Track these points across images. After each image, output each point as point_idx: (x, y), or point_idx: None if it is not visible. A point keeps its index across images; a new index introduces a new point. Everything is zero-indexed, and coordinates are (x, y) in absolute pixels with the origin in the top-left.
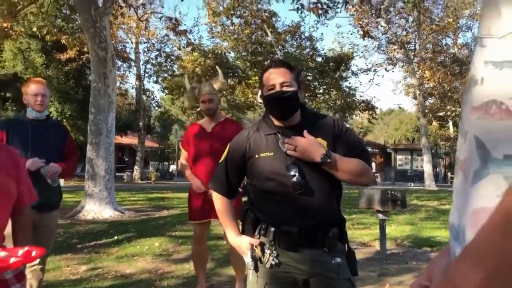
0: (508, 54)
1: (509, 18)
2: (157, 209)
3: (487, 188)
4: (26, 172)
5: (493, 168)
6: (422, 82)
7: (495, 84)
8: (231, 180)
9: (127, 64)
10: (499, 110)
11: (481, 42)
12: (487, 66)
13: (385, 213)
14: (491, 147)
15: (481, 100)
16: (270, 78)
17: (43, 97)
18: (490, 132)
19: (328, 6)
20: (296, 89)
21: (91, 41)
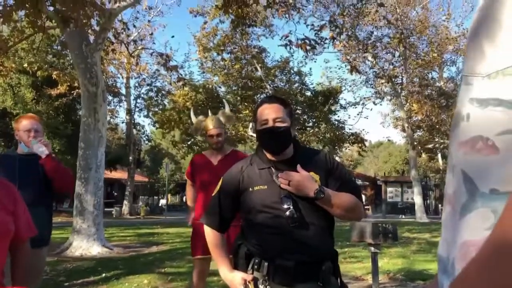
0: (492, 92)
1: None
2: (146, 245)
3: (475, 221)
4: (25, 206)
5: (481, 202)
6: (410, 115)
7: (481, 120)
8: (224, 214)
9: (117, 99)
10: (485, 145)
11: (466, 80)
12: (472, 103)
13: (377, 246)
14: (478, 182)
15: (468, 136)
16: (264, 113)
17: (36, 132)
18: (477, 167)
19: (316, 42)
20: (289, 124)
21: (82, 77)
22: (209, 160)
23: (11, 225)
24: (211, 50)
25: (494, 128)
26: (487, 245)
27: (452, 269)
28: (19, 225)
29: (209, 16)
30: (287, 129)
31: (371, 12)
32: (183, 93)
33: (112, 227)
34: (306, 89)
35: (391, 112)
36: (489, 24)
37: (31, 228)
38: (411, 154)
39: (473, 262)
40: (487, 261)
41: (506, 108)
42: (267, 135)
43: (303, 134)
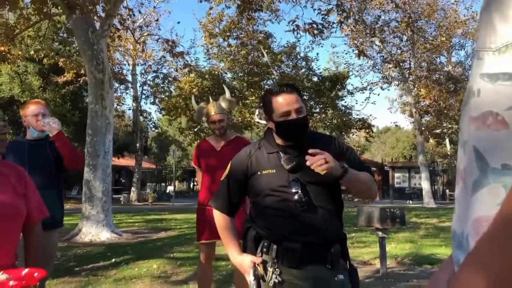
0: (502, 66)
1: (502, 32)
2: (155, 231)
3: (486, 197)
4: (35, 189)
5: (492, 177)
6: (418, 100)
7: (491, 95)
8: (233, 198)
9: (124, 86)
10: (495, 121)
11: (477, 55)
12: (483, 78)
13: (385, 231)
14: (489, 157)
15: (479, 111)
16: (284, 104)
17: (43, 116)
18: (488, 143)
19: (323, 26)
20: (307, 113)
21: (89, 64)
22: (213, 146)
23: (23, 207)
24: (217, 36)
25: (504, 103)
26: (496, 221)
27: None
28: (31, 207)
29: (214, 2)
30: (307, 118)
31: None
32: (189, 80)
33: (120, 214)
34: (313, 75)
35: (399, 97)
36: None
37: (42, 210)
38: (418, 140)
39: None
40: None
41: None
42: (290, 128)
43: (310, 120)
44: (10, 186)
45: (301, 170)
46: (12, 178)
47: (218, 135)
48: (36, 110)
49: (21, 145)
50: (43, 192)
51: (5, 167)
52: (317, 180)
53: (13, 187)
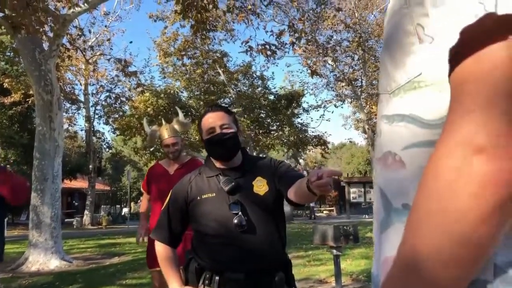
0: (395, 108)
1: (395, 76)
2: (108, 256)
3: (392, 237)
4: None
5: (395, 217)
6: (370, 117)
7: (389, 136)
8: (174, 228)
9: (76, 106)
10: (394, 161)
11: (379, 98)
12: (383, 120)
13: (339, 248)
14: (391, 197)
15: (381, 152)
16: (209, 121)
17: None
18: (389, 182)
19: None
20: (235, 130)
21: (36, 85)
22: (166, 169)
23: None
24: (172, 55)
25: (399, 143)
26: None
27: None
28: None
29: (169, 21)
30: (235, 134)
31: (330, 16)
32: (144, 99)
33: (72, 239)
34: (269, 93)
35: (352, 114)
36: (389, 44)
37: None
38: (372, 155)
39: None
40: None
41: (408, 123)
42: (216, 143)
43: (267, 138)
44: None
45: (240, 191)
46: None
47: (171, 158)
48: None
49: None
50: None
51: None
52: (258, 201)
53: None
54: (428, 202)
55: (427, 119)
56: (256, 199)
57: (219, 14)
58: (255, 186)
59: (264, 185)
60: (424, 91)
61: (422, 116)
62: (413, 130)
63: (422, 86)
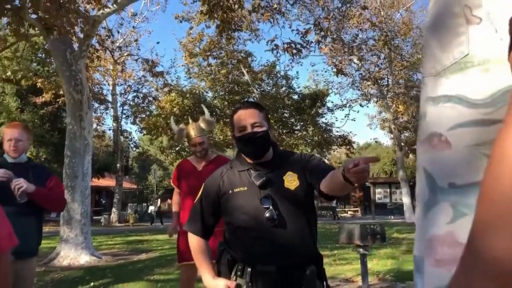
0: (441, 89)
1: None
2: (135, 252)
3: (437, 216)
4: (4, 216)
5: (440, 196)
6: (397, 116)
7: (435, 117)
8: (207, 221)
9: (104, 106)
10: (439, 141)
11: (423, 81)
12: (428, 101)
13: (366, 247)
14: (437, 177)
15: (426, 134)
16: (241, 119)
17: (17, 142)
18: (435, 163)
19: (301, 46)
20: (267, 128)
21: (67, 84)
22: (194, 166)
23: None
24: (197, 56)
25: (446, 123)
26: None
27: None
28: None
29: (194, 22)
30: (266, 133)
31: (355, 15)
32: (170, 99)
33: (100, 235)
34: (293, 93)
35: (378, 113)
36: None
37: (11, 239)
38: (398, 155)
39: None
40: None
41: (454, 104)
42: (246, 141)
43: (291, 137)
44: None
45: (272, 186)
46: None
47: (199, 157)
48: (10, 135)
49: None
50: (22, 219)
51: None
52: (289, 196)
53: None
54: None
55: (474, 99)
56: (287, 193)
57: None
58: (285, 180)
59: (295, 180)
60: (471, 71)
61: (469, 96)
62: (460, 110)
63: (468, 66)
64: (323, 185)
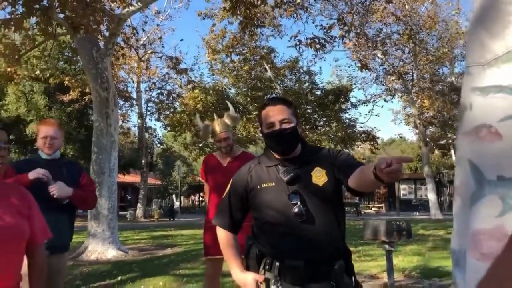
0: (492, 79)
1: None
2: (161, 247)
3: (484, 209)
4: (39, 210)
5: (488, 189)
6: (422, 111)
7: (483, 108)
8: (235, 215)
9: (129, 103)
10: (489, 133)
11: (468, 71)
12: (475, 92)
13: (391, 244)
14: (485, 170)
15: (472, 125)
16: (269, 115)
17: (53, 139)
18: (483, 155)
19: (325, 41)
20: (295, 124)
21: (93, 82)
22: (220, 161)
23: (26, 228)
24: (220, 52)
25: (496, 114)
26: None
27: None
28: (34, 229)
29: (217, 19)
30: (294, 129)
31: (379, 9)
32: (193, 96)
33: (126, 231)
34: (316, 88)
35: (403, 109)
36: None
37: (46, 232)
38: (423, 151)
39: None
40: None
41: (506, 94)
42: (275, 138)
43: (314, 133)
44: (13, 207)
45: (299, 181)
46: (14, 199)
47: (224, 153)
48: (45, 132)
49: (36, 164)
50: (55, 215)
51: (8, 188)
52: (317, 191)
53: (16, 208)
54: None
55: None
56: (315, 189)
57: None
58: (313, 176)
59: (323, 176)
60: None
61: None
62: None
63: None
64: (352, 180)
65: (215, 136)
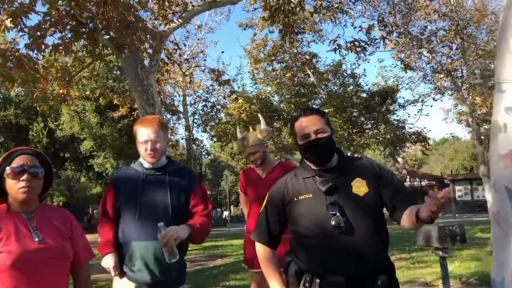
0: None
1: None
2: (211, 258)
3: None
4: (81, 231)
5: None
6: (474, 109)
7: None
8: (272, 229)
9: (176, 117)
10: None
11: (499, 87)
12: (509, 112)
13: (445, 250)
14: None
15: (507, 148)
16: (303, 126)
17: (155, 143)
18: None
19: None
20: (330, 133)
21: (140, 99)
22: (258, 174)
23: (69, 249)
24: (262, 61)
25: None
26: None
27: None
28: (77, 249)
29: (258, 28)
30: (330, 138)
31: (422, 6)
32: (237, 106)
33: None
34: (362, 91)
35: (454, 107)
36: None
37: (89, 251)
38: (478, 149)
39: None
40: None
41: None
42: (311, 149)
43: (362, 137)
44: (55, 229)
45: (338, 192)
46: (56, 222)
47: (255, 166)
48: (145, 136)
49: (134, 176)
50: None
51: (50, 211)
52: (357, 202)
53: (59, 230)
54: None
55: None
56: (355, 199)
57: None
58: (354, 186)
59: (364, 186)
60: None
61: None
62: None
63: None
64: (404, 219)
65: (245, 150)
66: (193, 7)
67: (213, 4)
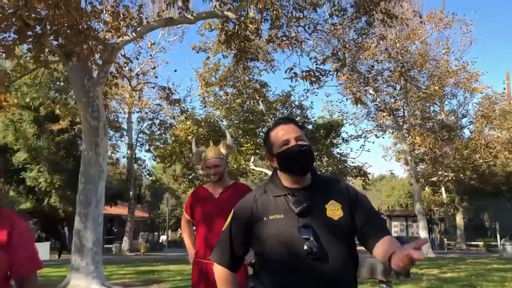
0: None
1: None
2: (147, 283)
3: None
4: (29, 239)
5: None
6: (413, 148)
7: None
8: (236, 251)
9: (119, 134)
10: None
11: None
12: None
13: (388, 283)
14: None
15: None
16: (283, 133)
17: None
18: None
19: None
20: (309, 144)
21: (84, 111)
22: (211, 193)
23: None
24: (213, 85)
25: None
26: None
27: None
28: (17, 260)
29: (211, 52)
30: (311, 148)
31: (371, 46)
32: (185, 127)
33: (111, 264)
34: (308, 123)
35: (393, 145)
36: None
37: (35, 262)
38: (415, 187)
39: None
40: None
41: None
42: (293, 155)
43: None
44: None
45: (312, 214)
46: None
47: (212, 180)
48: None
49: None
50: None
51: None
52: (331, 226)
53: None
54: None
55: None
56: (329, 223)
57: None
58: (328, 209)
59: (339, 210)
60: None
61: None
62: None
63: None
64: (377, 252)
65: (205, 162)
66: (149, 23)
67: (170, 21)
